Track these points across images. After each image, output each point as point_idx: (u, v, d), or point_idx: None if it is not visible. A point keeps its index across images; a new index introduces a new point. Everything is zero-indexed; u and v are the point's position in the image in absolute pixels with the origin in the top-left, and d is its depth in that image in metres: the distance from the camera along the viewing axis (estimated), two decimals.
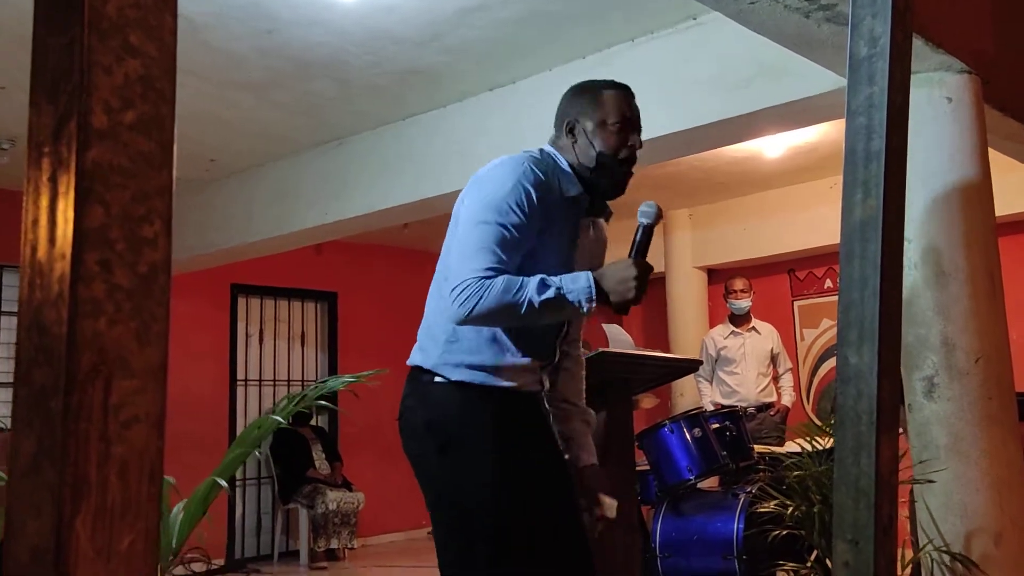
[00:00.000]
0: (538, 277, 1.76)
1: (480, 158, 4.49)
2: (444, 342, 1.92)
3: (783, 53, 3.09)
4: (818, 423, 6.39)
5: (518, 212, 1.80)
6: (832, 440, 5.01)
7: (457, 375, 1.90)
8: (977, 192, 3.15)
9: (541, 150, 1.99)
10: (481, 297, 1.74)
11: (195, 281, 6.73)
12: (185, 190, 6.02)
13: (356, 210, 5.01)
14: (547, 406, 2.08)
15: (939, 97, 3.19)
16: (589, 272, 1.79)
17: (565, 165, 1.96)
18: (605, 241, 2.15)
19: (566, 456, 2.04)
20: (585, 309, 1.78)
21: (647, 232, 1.86)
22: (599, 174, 1.94)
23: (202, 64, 4.01)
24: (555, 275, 1.80)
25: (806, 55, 3.06)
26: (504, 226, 1.79)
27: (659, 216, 1.88)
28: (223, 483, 2.33)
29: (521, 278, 1.76)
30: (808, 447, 2.84)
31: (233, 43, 3.83)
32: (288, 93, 4.40)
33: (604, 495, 2.02)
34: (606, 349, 2.53)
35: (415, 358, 1.96)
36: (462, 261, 1.79)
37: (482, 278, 1.74)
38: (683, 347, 6.80)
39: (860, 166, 1.14)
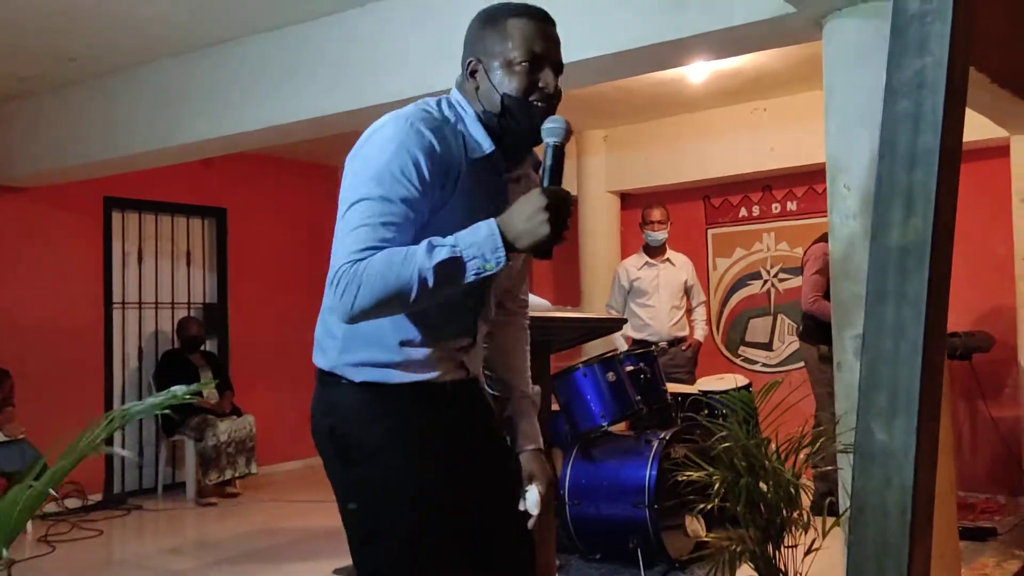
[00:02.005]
0: (425, 241, 1.43)
1: (404, 70, 4.04)
2: (341, 338, 1.62)
3: None
4: (727, 355, 6.35)
5: (405, 182, 1.48)
6: (740, 378, 4.94)
7: (361, 376, 1.60)
8: None
9: (441, 101, 1.62)
10: (361, 283, 1.42)
11: (62, 194, 6.05)
12: (41, 91, 5.28)
13: (252, 123, 4.43)
14: (485, 389, 1.80)
15: (887, 30, 2.91)
16: (490, 219, 1.45)
17: (472, 118, 1.61)
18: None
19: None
20: (493, 264, 1.43)
21: (557, 153, 1.50)
22: (507, 121, 1.58)
23: None
24: None
25: None
26: (387, 199, 1.46)
27: (569, 133, 1.52)
28: (52, 492, 1.95)
29: (405, 248, 1.44)
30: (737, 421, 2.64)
31: None
32: None
33: (536, 483, 1.75)
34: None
35: (315, 358, 1.70)
36: (337, 247, 1.47)
37: (357, 260, 1.43)
38: (593, 273, 6.59)
39: (901, 170, 0.82)
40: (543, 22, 1.62)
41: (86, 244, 6.29)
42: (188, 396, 1.08)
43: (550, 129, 1.52)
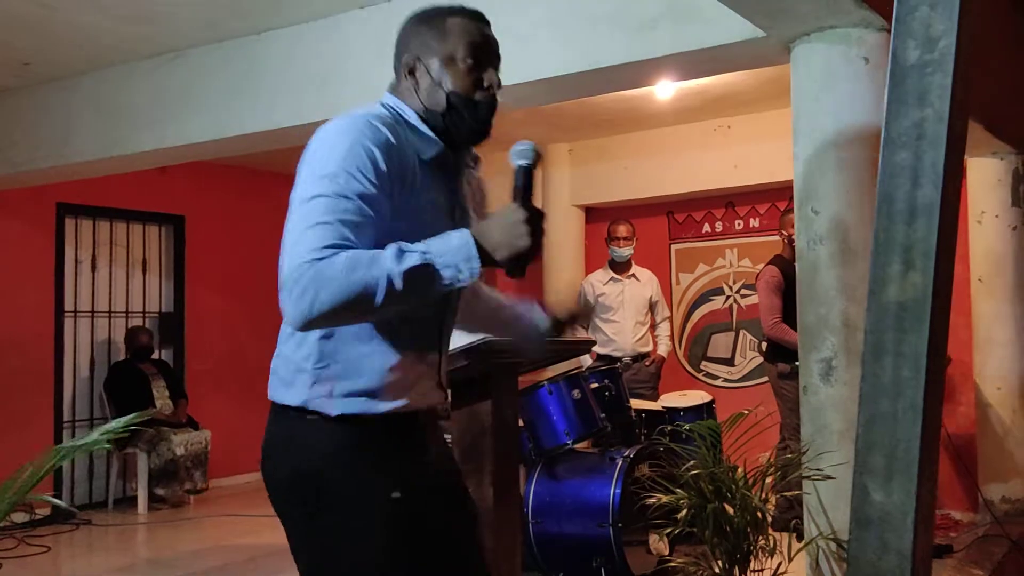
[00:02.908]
0: (394, 245, 1.35)
1: (345, 85, 3.99)
2: (312, 370, 1.47)
3: None
4: (690, 370, 6.37)
5: (361, 178, 1.38)
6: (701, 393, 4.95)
7: (339, 408, 1.46)
8: None
9: (382, 105, 1.56)
10: (321, 284, 1.29)
11: (12, 199, 5.86)
12: None
13: (199, 135, 4.36)
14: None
15: (856, 56, 2.94)
16: (463, 229, 1.40)
17: (414, 118, 1.56)
18: (485, 193, 1.76)
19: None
20: (467, 275, 1.37)
21: (527, 175, 1.48)
22: (453, 118, 1.56)
23: None
24: None
25: (725, 1, 2.71)
26: (344, 196, 1.36)
27: (539, 156, 1.50)
28: None
29: (371, 250, 1.34)
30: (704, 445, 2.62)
31: None
32: None
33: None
34: (492, 338, 2.17)
35: (276, 393, 1.52)
36: (291, 248, 1.35)
37: (317, 259, 1.31)
38: (557, 286, 6.57)
39: (900, 223, 0.80)
40: (481, 22, 1.61)
41: (38, 251, 6.10)
42: (121, 430, 0.99)
43: (520, 151, 1.48)
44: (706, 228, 6.57)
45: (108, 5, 3.79)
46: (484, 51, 1.58)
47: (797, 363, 3.23)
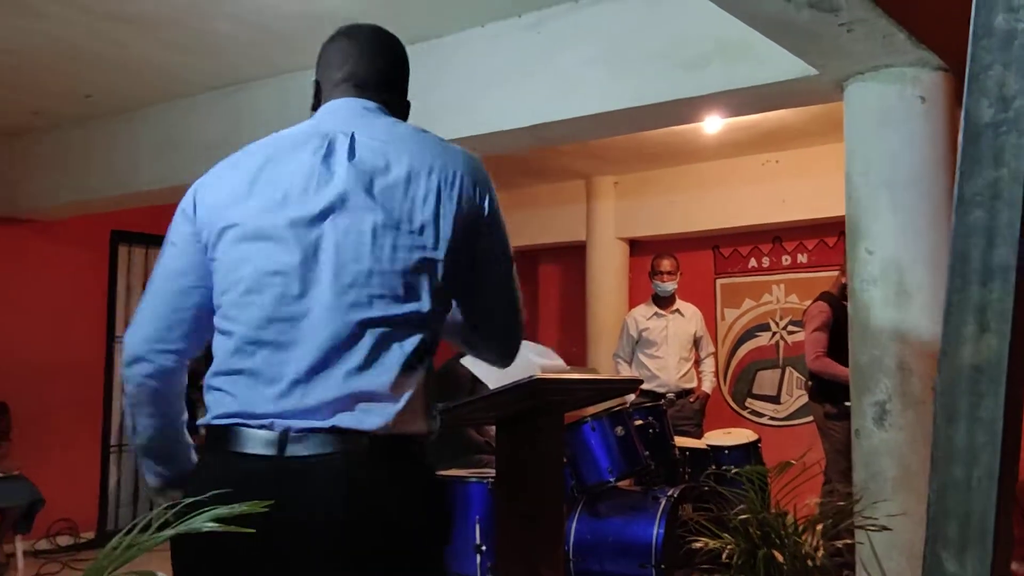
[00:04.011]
0: None
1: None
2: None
3: (745, 32, 2.73)
4: (734, 407, 6.27)
5: None
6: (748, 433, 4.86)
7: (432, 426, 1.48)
8: (948, 203, 2.89)
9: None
10: None
11: (69, 227, 6.02)
12: (54, 126, 5.28)
13: None
14: None
15: (912, 95, 2.90)
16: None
17: None
18: None
19: None
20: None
21: None
22: None
23: None
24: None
25: (777, 39, 2.70)
26: None
27: None
28: None
29: None
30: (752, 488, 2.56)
31: None
32: (182, 31, 3.79)
33: None
34: (541, 376, 2.16)
35: (391, 421, 1.35)
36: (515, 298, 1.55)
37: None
38: (601, 319, 6.54)
39: (975, 283, 0.78)
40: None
41: (91, 278, 6.25)
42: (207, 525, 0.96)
43: None
44: (752, 263, 6.50)
45: (169, 39, 3.90)
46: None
47: (847, 403, 3.16)
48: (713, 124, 5.11)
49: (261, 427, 1.33)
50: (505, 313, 1.52)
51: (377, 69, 1.55)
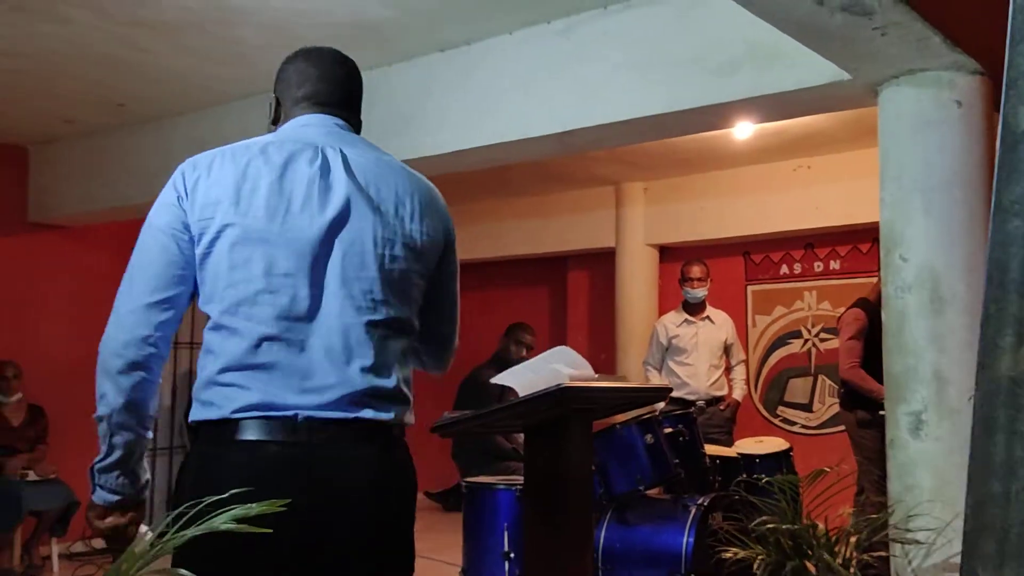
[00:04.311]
0: None
1: (425, 125, 4.07)
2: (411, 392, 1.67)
3: (776, 36, 2.70)
4: (766, 415, 6.19)
5: None
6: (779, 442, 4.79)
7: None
8: (984, 209, 2.83)
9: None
10: None
11: (102, 233, 6.11)
12: (84, 134, 5.37)
13: None
14: None
15: (948, 100, 2.85)
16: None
17: None
18: None
19: None
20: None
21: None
22: None
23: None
24: None
25: (809, 44, 2.67)
26: None
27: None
28: None
29: None
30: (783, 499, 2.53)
31: None
32: (207, 38, 3.83)
33: None
34: (568, 384, 2.14)
35: (399, 413, 1.56)
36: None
37: None
38: (630, 326, 6.51)
39: (1013, 293, 0.76)
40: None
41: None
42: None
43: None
44: (784, 270, 6.43)
45: (200, 48, 3.95)
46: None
47: (881, 412, 3.11)
48: (744, 130, 5.07)
49: (285, 418, 1.44)
50: (451, 326, 1.75)
51: (336, 89, 1.68)
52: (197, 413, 1.49)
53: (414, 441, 1.81)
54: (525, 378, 2.32)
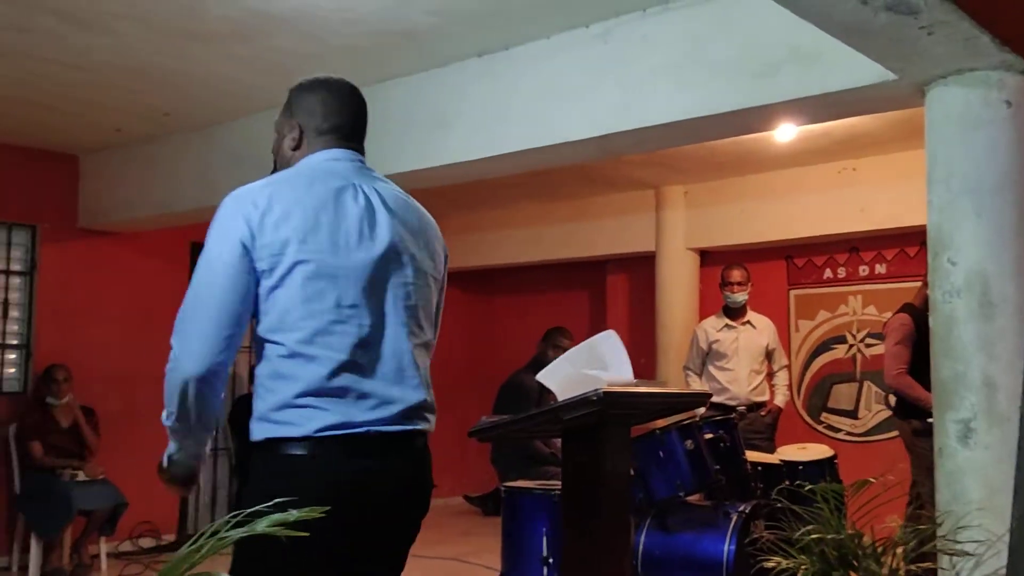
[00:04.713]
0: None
1: (463, 129, 4.07)
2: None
3: (818, 37, 2.65)
4: (809, 421, 6.08)
5: None
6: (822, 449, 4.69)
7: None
8: None
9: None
10: None
11: (151, 239, 6.24)
12: (134, 142, 5.49)
13: None
14: None
15: (997, 100, 2.79)
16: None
17: None
18: None
19: None
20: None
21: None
22: None
23: (151, 11, 3.49)
24: None
25: (853, 44, 2.63)
26: None
27: None
28: None
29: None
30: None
31: None
32: (249, 47, 3.89)
33: None
34: (606, 389, 2.13)
35: (434, 423, 1.83)
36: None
37: None
38: (670, 331, 6.45)
39: None
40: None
41: (172, 287, 6.39)
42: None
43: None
44: (828, 274, 6.32)
45: (242, 57, 4.01)
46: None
47: (929, 420, 3.04)
48: (786, 132, 5.00)
49: (359, 434, 1.65)
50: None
51: (355, 121, 1.88)
52: (271, 431, 1.65)
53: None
54: (566, 372, 2.32)
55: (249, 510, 1.18)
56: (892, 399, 4.71)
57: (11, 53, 3.97)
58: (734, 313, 5.29)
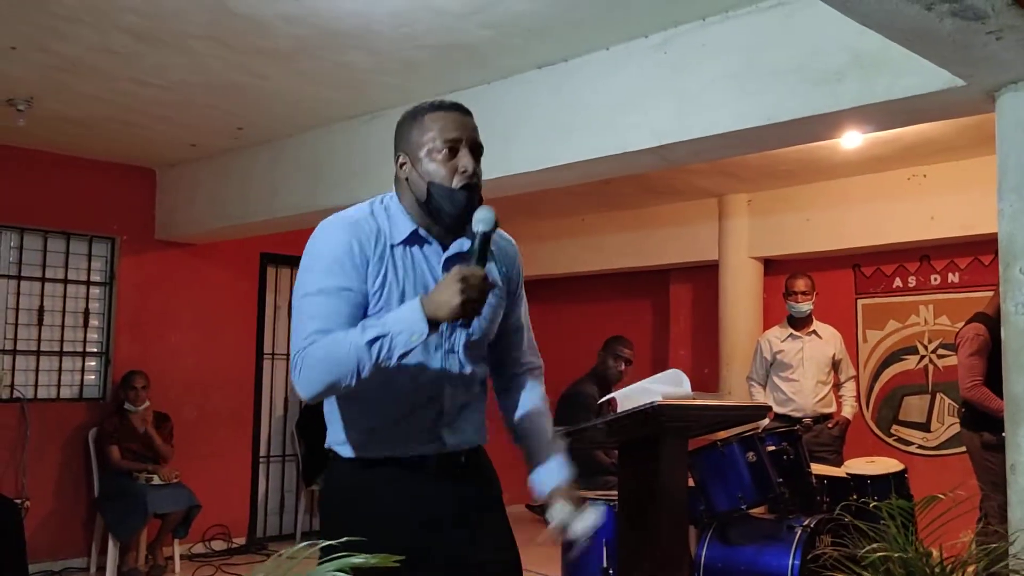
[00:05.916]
0: (360, 323, 1.67)
1: (524, 141, 4.11)
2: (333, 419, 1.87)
3: (881, 43, 2.61)
4: (878, 434, 5.92)
5: (337, 273, 1.70)
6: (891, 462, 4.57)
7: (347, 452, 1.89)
8: None
9: (373, 200, 1.84)
10: (306, 366, 1.65)
11: (222, 250, 6.44)
12: (206, 156, 5.68)
13: (389, 188, 4.60)
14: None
15: None
16: (415, 299, 1.64)
17: (397, 207, 1.82)
18: (494, 284, 1.78)
19: None
20: (417, 336, 1.61)
21: (484, 239, 1.68)
22: (433, 206, 1.76)
23: (225, 30, 3.62)
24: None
25: (918, 50, 2.57)
26: (324, 291, 1.70)
27: (496, 223, 1.71)
28: None
29: (345, 331, 1.65)
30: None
31: (258, 8, 3.43)
32: (317, 63, 4.00)
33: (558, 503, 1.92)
34: (660, 403, 2.13)
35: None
36: (293, 336, 1.71)
37: (305, 347, 1.66)
38: (733, 341, 6.37)
39: None
40: (459, 113, 1.79)
41: (243, 297, 6.64)
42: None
43: (480, 219, 1.68)
44: (897, 283, 6.16)
45: (312, 73, 4.13)
46: (460, 139, 1.75)
47: (1004, 434, 2.94)
48: (852, 139, 4.90)
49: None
50: None
51: None
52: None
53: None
54: (632, 396, 2.33)
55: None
56: (961, 411, 4.57)
57: (92, 73, 4.16)
58: (799, 323, 5.20)
